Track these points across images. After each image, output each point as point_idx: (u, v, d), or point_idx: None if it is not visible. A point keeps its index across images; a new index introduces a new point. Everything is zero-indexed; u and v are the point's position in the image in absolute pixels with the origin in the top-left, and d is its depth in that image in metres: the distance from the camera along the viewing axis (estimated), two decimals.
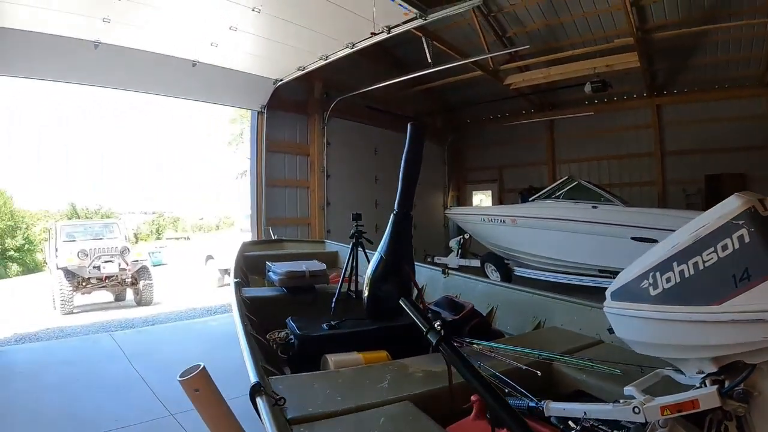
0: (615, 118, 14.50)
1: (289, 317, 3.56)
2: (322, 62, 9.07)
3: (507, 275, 11.09)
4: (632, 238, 8.81)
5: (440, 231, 17.09)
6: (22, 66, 8.16)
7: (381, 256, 2.55)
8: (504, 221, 11.02)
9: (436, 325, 1.84)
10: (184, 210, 51.57)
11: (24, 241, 33.43)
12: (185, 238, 44.11)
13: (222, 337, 8.31)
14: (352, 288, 4.87)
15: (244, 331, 3.17)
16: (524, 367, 2.58)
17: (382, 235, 5.12)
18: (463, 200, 18.20)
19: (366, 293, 2.67)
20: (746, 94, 12.46)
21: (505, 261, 11.67)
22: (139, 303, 13.64)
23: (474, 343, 2.98)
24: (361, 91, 11.61)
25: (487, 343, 2.99)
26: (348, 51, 8.51)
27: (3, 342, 8.98)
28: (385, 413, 2.19)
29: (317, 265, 5.43)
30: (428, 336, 1.83)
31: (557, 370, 2.71)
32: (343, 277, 4.88)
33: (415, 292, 3.16)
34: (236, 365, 6.46)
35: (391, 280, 2.48)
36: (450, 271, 5.38)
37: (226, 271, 16.37)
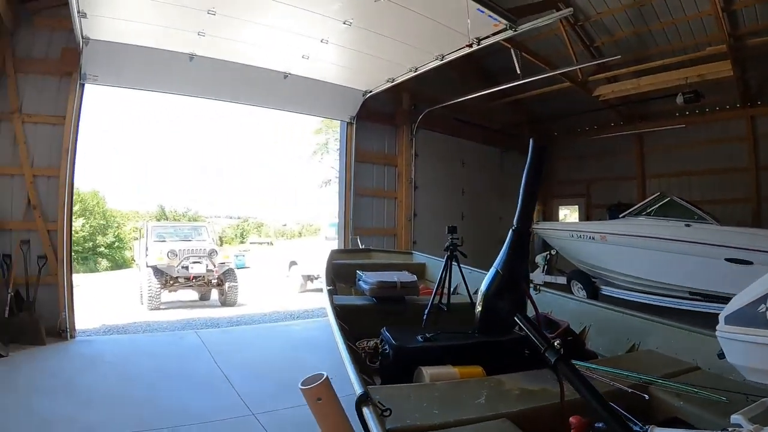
0: (707, 130, 13.57)
1: (384, 327, 3.53)
2: (412, 74, 9.07)
3: (594, 294, 10.77)
4: (726, 260, 8.40)
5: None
6: (125, 77, 8.73)
7: (497, 271, 2.49)
8: (593, 238, 10.71)
9: (555, 344, 1.77)
10: (268, 216, 52.83)
11: (114, 239, 35.17)
12: (268, 243, 45.12)
13: (303, 341, 8.40)
14: (444, 301, 4.82)
15: (343, 340, 3.18)
16: (629, 390, 2.50)
17: (465, 249, 5.02)
18: (549, 215, 17.62)
19: (479, 308, 2.63)
20: None
21: (592, 279, 11.35)
22: (224, 303, 14.06)
23: (581, 366, 2.83)
24: (449, 103, 11.56)
25: (585, 363, 2.91)
26: (437, 63, 8.50)
27: (92, 332, 9.38)
28: (482, 430, 2.16)
29: (408, 277, 5.41)
30: (546, 354, 1.76)
31: (654, 395, 2.59)
32: (436, 289, 4.82)
33: (531, 310, 3.01)
34: (319, 368, 6.49)
35: (506, 296, 2.41)
36: (541, 288, 5.25)
37: (308, 278, 16.64)
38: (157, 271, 13.20)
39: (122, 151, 67.80)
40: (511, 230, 2.29)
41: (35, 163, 8.05)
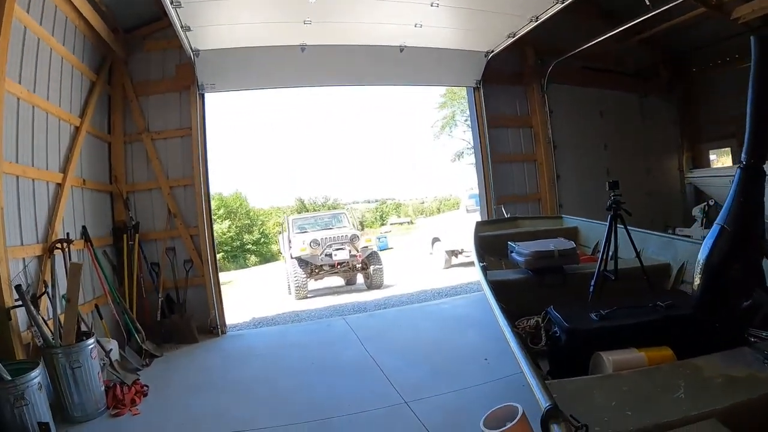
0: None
1: (551, 306, 3.18)
2: (533, 24, 8.42)
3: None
4: None
5: (678, 198, 15.28)
6: (240, 80, 8.95)
7: (722, 227, 1.79)
8: None
9: None
10: (405, 195, 53.53)
11: (260, 235, 37.36)
12: (408, 222, 45.66)
13: (454, 320, 8.14)
14: (610, 268, 4.33)
15: (510, 330, 2.78)
16: None
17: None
18: (699, 161, 16.09)
19: (698, 281, 1.93)
20: None
21: None
22: (370, 287, 14.13)
23: None
24: (576, 51, 10.65)
25: None
26: (559, 6, 7.87)
27: (243, 326, 9.65)
28: None
29: (566, 244, 4.99)
30: None
31: None
32: (603, 256, 4.35)
33: None
34: (472, 349, 6.26)
35: (738, 260, 1.70)
36: None
37: (453, 253, 16.37)
38: (302, 262, 13.47)
39: (256, 151, 71.20)
40: (738, 168, 1.59)
41: (170, 174, 8.54)
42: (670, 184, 15.04)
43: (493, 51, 9.70)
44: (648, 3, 8.59)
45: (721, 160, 15.76)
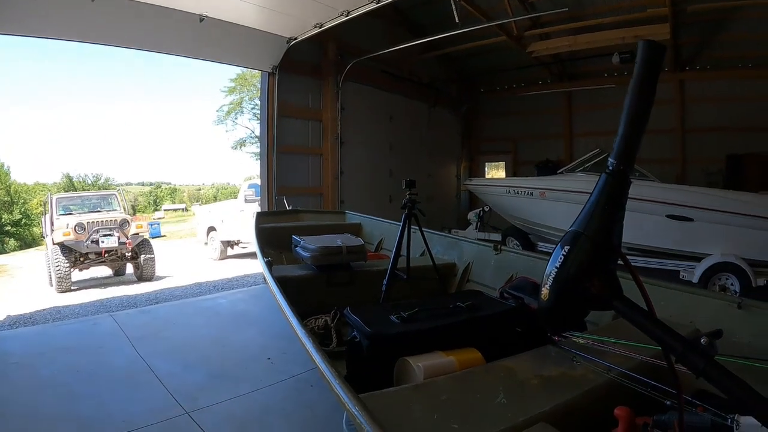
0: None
1: (347, 308, 2.93)
2: (343, 18, 8.26)
3: (530, 250, 10.52)
4: (667, 216, 8.53)
5: (453, 202, 16.69)
6: (13, 22, 7.32)
7: (578, 233, 1.46)
8: (532, 194, 10.48)
9: (702, 341, 1.15)
10: (181, 179, 51.89)
11: (21, 216, 33.32)
12: (183, 209, 44.01)
13: (233, 317, 7.67)
14: (400, 266, 4.28)
15: (304, 331, 2.47)
16: (653, 363, 2.08)
17: (395, 207, 4.43)
18: (475, 171, 17.74)
19: (547, 290, 1.64)
20: None
21: (528, 235, 11.37)
22: (140, 278, 13.07)
23: (583, 337, 2.41)
24: (378, 53, 10.94)
25: (592, 336, 2.43)
26: (373, 6, 7.74)
27: None
28: None
29: (354, 240, 4.82)
30: (684, 361, 1.13)
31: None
32: (395, 254, 4.24)
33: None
34: (254, 348, 5.88)
35: (595, 271, 1.41)
36: (502, 248, 4.76)
37: (229, 243, 15.99)
38: (65, 248, 11.95)
39: (25, 113, 63.70)
40: (604, 173, 1.40)
41: None
42: (448, 189, 16.35)
43: (296, 38, 9.40)
44: (458, 21, 9.00)
45: (492, 172, 17.54)
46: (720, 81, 12.58)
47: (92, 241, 12.07)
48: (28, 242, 32.15)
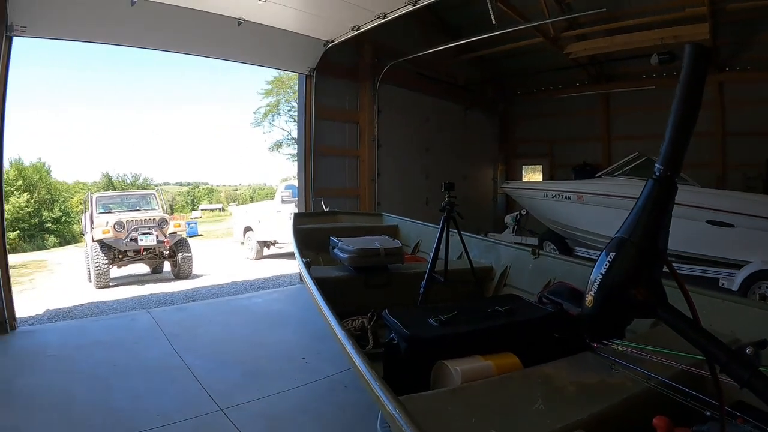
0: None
1: (385, 310, 2.93)
2: (380, 21, 8.28)
3: (567, 255, 10.40)
4: (708, 222, 8.35)
5: (489, 206, 16.53)
6: (57, 27, 7.50)
7: (624, 239, 1.40)
8: (569, 197, 10.38)
9: (748, 351, 1.12)
10: (218, 179, 52.58)
11: (61, 213, 33.97)
12: (220, 209, 44.48)
13: (268, 317, 7.73)
14: (437, 269, 4.29)
15: (343, 332, 2.49)
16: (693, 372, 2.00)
17: (431, 210, 4.41)
18: (512, 174, 17.47)
19: (592, 296, 1.58)
20: None
21: (565, 240, 11.23)
22: (177, 276, 13.26)
23: (622, 345, 2.33)
24: (414, 56, 10.90)
25: (631, 344, 2.37)
26: (410, 8, 7.73)
27: (35, 320, 8.49)
28: None
29: (390, 242, 4.82)
30: (729, 371, 1.11)
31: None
32: (433, 256, 4.24)
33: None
34: (289, 348, 5.93)
35: (641, 280, 1.35)
36: (540, 252, 4.72)
37: (265, 244, 16.10)
38: (104, 246, 12.20)
39: (65, 115, 65.26)
40: (651, 179, 1.36)
41: None
42: (484, 192, 16.20)
43: (333, 41, 9.45)
44: (494, 23, 8.92)
45: (529, 175, 17.34)
46: (760, 83, 12.20)
47: (131, 239, 12.29)
48: (68, 239, 32.76)
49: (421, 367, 2.48)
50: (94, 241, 12.36)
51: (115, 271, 12.99)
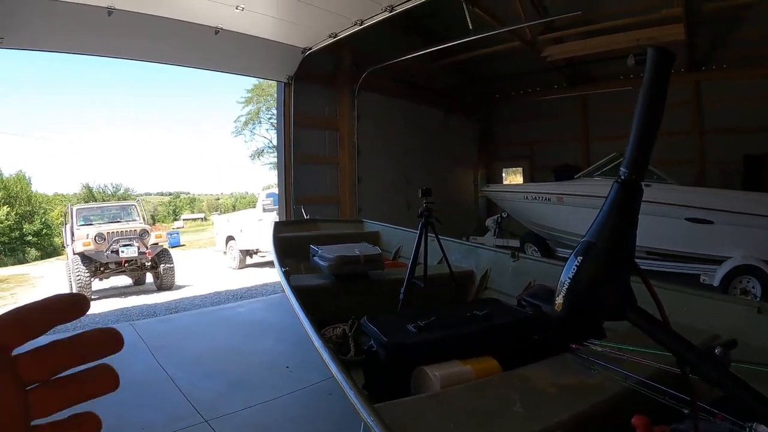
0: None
1: (364, 318, 2.94)
2: (357, 27, 8.31)
3: (549, 256, 10.46)
4: (687, 219, 8.42)
5: (470, 209, 16.57)
6: (34, 38, 7.53)
7: (591, 243, 1.42)
8: (549, 199, 10.40)
9: (717, 351, 1.15)
10: (200, 189, 52.36)
11: (42, 226, 33.63)
12: (202, 219, 44.30)
13: (252, 326, 7.72)
14: (417, 274, 4.29)
15: (321, 341, 2.49)
16: (668, 370, 1.97)
17: (413, 214, 4.45)
18: (492, 178, 17.55)
19: (560, 302, 1.63)
20: None
21: (546, 241, 11.28)
22: (160, 287, 13.13)
23: (601, 345, 2.36)
24: (392, 62, 10.92)
25: (611, 344, 2.37)
26: (386, 14, 7.76)
27: None
28: None
29: (371, 249, 4.82)
30: (698, 372, 1.13)
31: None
32: (412, 262, 4.24)
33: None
34: (273, 357, 5.91)
35: (608, 281, 1.38)
36: (520, 254, 4.74)
37: (247, 252, 16.04)
38: (85, 258, 12.03)
39: (46, 126, 64.75)
40: (615, 183, 1.38)
41: None
42: (466, 196, 16.18)
43: (311, 48, 9.47)
44: (471, 27, 8.97)
45: (509, 178, 17.40)
46: (736, 80, 12.38)
47: (112, 251, 12.14)
48: (50, 252, 32.44)
49: (400, 374, 2.49)
50: (75, 253, 12.19)
51: (97, 284, 12.85)
